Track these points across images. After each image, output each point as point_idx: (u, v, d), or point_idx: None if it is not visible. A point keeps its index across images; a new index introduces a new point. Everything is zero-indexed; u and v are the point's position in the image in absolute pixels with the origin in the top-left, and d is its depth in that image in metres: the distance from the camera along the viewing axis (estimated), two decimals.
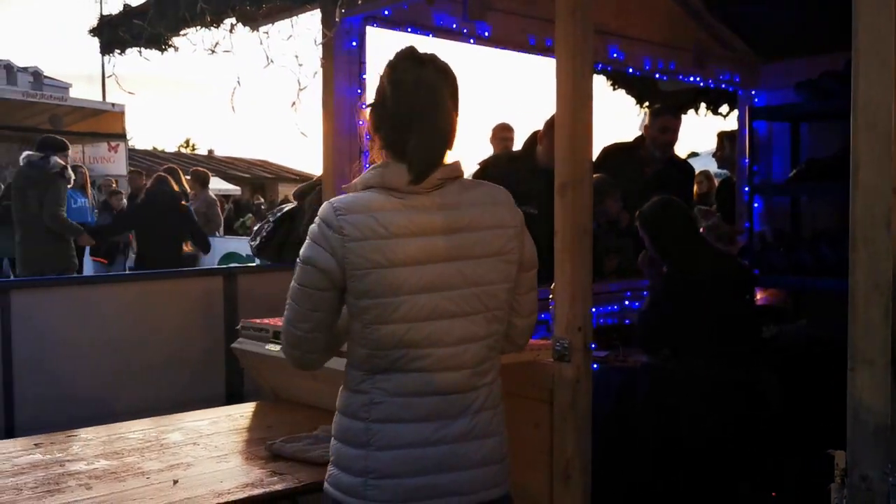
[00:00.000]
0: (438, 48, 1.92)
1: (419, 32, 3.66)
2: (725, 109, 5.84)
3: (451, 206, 1.83)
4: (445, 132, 1.85)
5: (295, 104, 3.29)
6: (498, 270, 1.87)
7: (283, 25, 3.36)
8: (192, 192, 9.01)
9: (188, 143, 52.18)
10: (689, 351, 3.40)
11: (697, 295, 3.44)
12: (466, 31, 3.79)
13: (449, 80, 1.88)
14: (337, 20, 3.18)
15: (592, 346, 2.63)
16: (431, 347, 1.80)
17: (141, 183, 11.80)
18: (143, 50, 3.56)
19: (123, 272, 8.91)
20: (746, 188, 4.86)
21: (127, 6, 3.58)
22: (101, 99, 22.69)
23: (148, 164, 23.05)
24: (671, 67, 4.68)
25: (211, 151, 38.92)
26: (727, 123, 5.95)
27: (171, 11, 3.25)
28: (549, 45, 3.98)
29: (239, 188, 27.27)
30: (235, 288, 4.20)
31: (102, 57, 3.78)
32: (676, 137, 4.80)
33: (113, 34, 3.62)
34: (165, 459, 2.65)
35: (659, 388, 3.36)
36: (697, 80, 4.87)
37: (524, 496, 2.08)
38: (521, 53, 4.10)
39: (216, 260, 9.61)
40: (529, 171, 4.07)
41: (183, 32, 3.40)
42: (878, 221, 1.49)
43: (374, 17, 3.55)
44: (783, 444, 3.50)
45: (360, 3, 3.17)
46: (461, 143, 1.90)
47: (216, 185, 20.92)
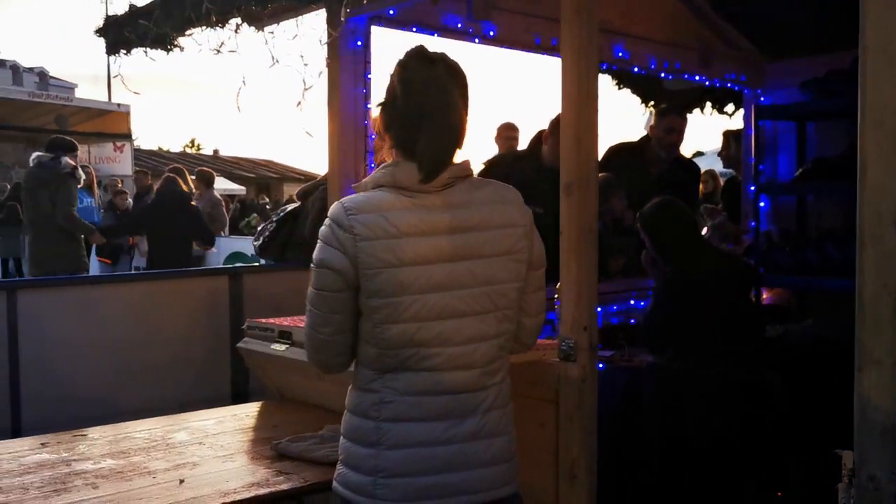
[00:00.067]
0: (443, 48, 1.91)
1: (424, 32, 3.66)
2: (731, 108, 5.82)
3: (461, 205, 1.83)
4: (455, 131, 1.85)
5: (300, 104, 3.30)
6: (508, 269, 1.86)
7: (288, 25, 3.37)
8: (197, 191, 9.02)
9: (193, 143, 52.27)
10: (692, 351, 3.39)
11: (699, 295, 3.43)
12: (471, 30, 3.79)
13: (459, 79, 1.88)
14: (342, 20, 3.18)
15: (598, 345, 2.63)
16: (441, 346, 1.80)
17: (146, 183, 11.83)
18: (148, 50, 3.57)
19: (129, 272, 8.93)
20: (752, 187, 4.86)
21: (132, 6, 3.58)
22: (106, 99, 22.78)
23: (153, 164, 23.12)
24: (676, 66, 4.67)
25: (216, 151, 38.98)
26: (733, 122, 5.94)
27: (176, 11, 3.26)
28: (554, 44, 3.97)
29: (244, 188, 27.30)
30: (241, 288, 4.20)
31: (108, 57, 3.79)
32: (682, 138, 4.79)
33: (119, 34, 3.63)
34: (171, 459, 2.65)
35: (664, 387, 3.35)
36: (703, 79, 4.86)
37: (530, 496, 2.08)
38: (526, 53, 4.10)
39: (221, 260, 9.63)
40: (535, 170, 4.06)
41: (188, 32, 3.40)
42: (885, 220, 1.48)
43: (379, 16, 3.55)
44: (789, 443, 3.49)
45: (365, 2, 3.16)
46: (466, 142, 1.90)
47: (221, 184, 20.96)
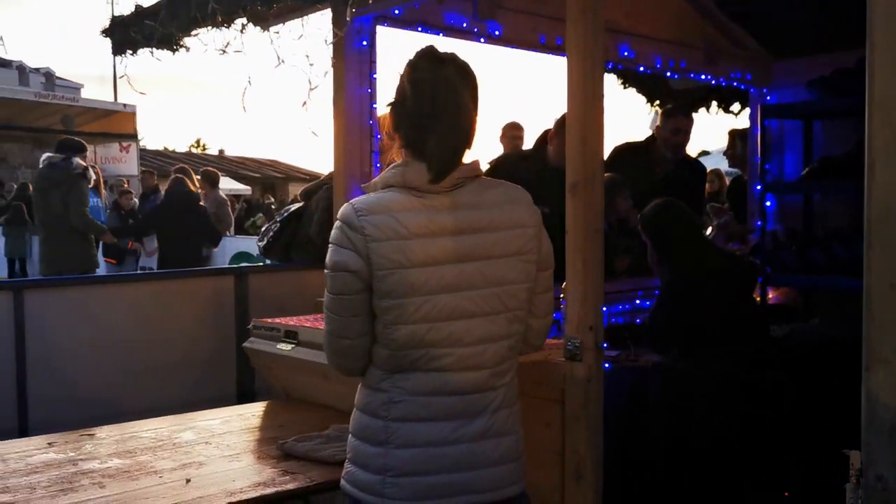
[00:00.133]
0: (448, 47, 1.91)
1: (430, 32, 3.66)
2: (737, 107, 5.80)
3: (471, 205, 1.83)
4: (465, 131, 1.85)
5: (306, 104, 3.30)
6: (518, 270, 1.86)
7: (293, 25, 3.37)
8: (202, 191, 9.05)
9: (199, 143, 52.40)
10: (695, 351, 3.38)
11: (700, 296, 3.43)
12: (477, 30, 3.78)
13: (469, 79, 1.88)
14: (348, 20, 3.18)
15: (604, 345, 2.63)
16: (452, 347, 1.80)
17: (152, 183, 11.86)
18: (154, 50, 3.58)
19: (135, 272, 8.95)
20: (759, 186, 4.84)
21: (139, 7, 3.59)
22: (112, 99, 22.82)
23: (159, 164, 23.17)
24: (682, 66, 4.66)
25: (222, 151, 39.08)
26: (739, 122, 5.92)
27: (182, 12, 3.27)
28: (559, 43, 3.97)
29: (249, 188, 27.35)
30: (246, 287, 4.20)
31: (114, 57, 3.79)
32: (688, 138, 4.78)
33: (125, 35, 3.64)
34: (178, 458, 2.65)
35: (671, 387, 3.34)
36: (709, 78, 4.85)
37: (536, 496, 2.08)
38: (531, 52, 4.10)
39: (227, 259, 9.65)
40: (540, 170, 4.06)
41: (194, 33, 3.41)
42: (893, 219, 1.47)
43: (384, 16, 3.55)
44: (795, 443, 3.48)
45: (370, 2, 3.17)
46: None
47: (227, 184, 21.02)
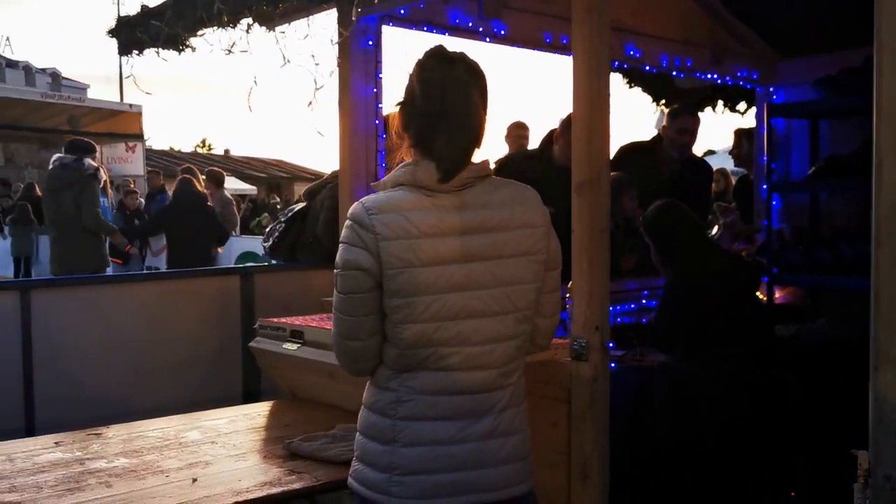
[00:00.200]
0: (454, 47, 1.91)
1: (435, 31, 3.66)
2: (743, 107, 5.78)
3: (480, 205, 1.83)
4: (474, 131, 1.85)
5: (311, 104, 3.30)
6: (527, 270, 1.86)
7: (299, 25, 3.38)
8: (207, 191, 9.06)
9: (205, 143, 52.42)
10: (701, 351, 3.38)
11: (703, 297, 3.43)
12: (482, 29, 3.78)
13: (478, 78, 1.87)
14: (353, 19, 3.19)
15: (610, 345, 2.62)
16: (459, 346, 1.80)
17: (158, 183, 11.89)
18: (160, 50, 3.59)
19: (142, 272, 8.97)
20: (765, 186, 4.83)
21: (144, 7, 3.60)
22: (118, 99, 22.91)
23: (165, 164, 23.22)
24: (688, 65, 4.65)
25: (227, 151, 39.09)
26: (745, 121, 5.91)
27: (188, 12, 3.27)
28: (564, 42, 3.97)
29: (255, 188, 27.38)
30: (252, 287, 4.20)
31: (120, 58, 3.81)
32: (695, 138, 4.77)
33: (131, 35, 3.65)
34: (184, 458, 2.66)
35: (677, 387, 3.34)
36: (715, 77, 4.84)
37: (542, 495, 2.07)
38: (536, 52, 4.10)
39: (233, 259, 9.66)
40: (546, 169, 4.06)
41: (200, 33, 3.42)
42: None
43: (390, 16, 3.55)
44: (802, 443, 3.47)
45: (376, 2, 3.17)
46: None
47: (232, 184, 21.03)
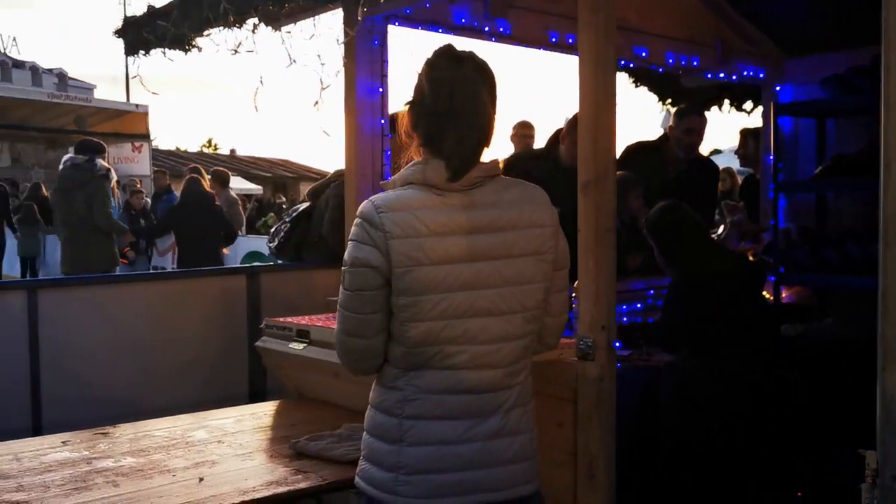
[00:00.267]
0: (460, 46, 1.90)
1: (441, 30, 3.66)
2: (749, 106, 5.78)
3: (490, 204, 1.83)
4: (483, 130, 1.84)
5: (317, 103, 3.31)
6: (536, 270, 1.86)
7: (305, 25, 3.38)
8: (212, 191, 9.08)
9: (211, 142, 52.52)
10: (705, 351, 3.38)
11: (705, 297, 3.42)
12: (488, 28, 3.78)
13: (487, 77, 1.87)
14: (359, 19, 3.18)
15: (616, 344, 2.62)
16: (466, 345, 1.80)
17: (165, 183, 11.91)
18: (166, 50, 3.60)
19: (148, 272, 8.99)
20: (772, 185, 4.81)
21: (151, 7, 3.61)
22: (125, 100, 22.94)
23: (171, 164, 23.25)
24: (694, 64, 4.64)
25: (233, 151, 39.16)
26: (751, 120, 5.90)
27: (194, 12, 3.28)
28: (570, 42, 3.96)
29: (261, 187, 27.42)
30: (258, 287, 4.21)
31: (127, 58, 3.81)
32: (701, 138, 4.76)
33: (137, 35, 3.66)
34: (191, 457, 2.66)
35: (683, 387, 3.33)
36: (721, 76, 4.83)
37: (549, 495, 2.07)
38: (542, 51, 4.09)
39: (239, 259, 9.68)
40: (552, 169, 4.06)
41: (206, 33, 3.43)
42: None
43: (395, 15, 3.56)
44: (809, 443, 3.46)
45: (382, 1, 3.17)
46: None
47: (239, 184, 21.10)
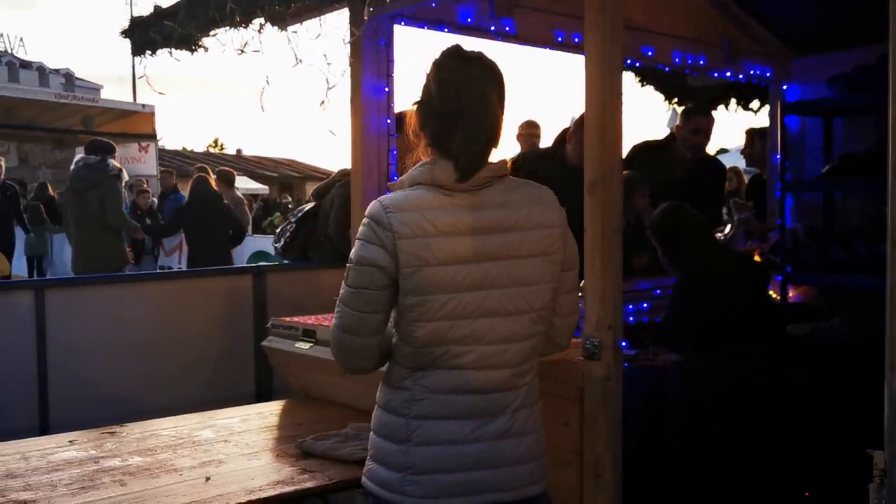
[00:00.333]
0: (466, 46, 1.90)
1: (447, 30, 3.66)
2: (756, 105, 5.76)
3: (498, 205, 1.83)
4: (491, 130, 1.84)
5: (323, 103, 3.31)
6: (544, 270, 1.86)
7: (311, 25, 3.39)
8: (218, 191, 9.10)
9: (217, 142, 52.57)
10: (709, 351, 3.37)
11: (709, 298, 3.42)
12: (494, 28, 3.78)
13: (495, 78, 1.87)
14: (365, 19, 3.19)
15: (623, 344, 2.62)
16: (473, 345, 1.80)
17: (171, 183, 11.93)
18: (173, 51, 3.60)
19: (155, 271, 9.02)
20: (778, 184, 4.80)
21: (157, 7, 3.62)
22: (131, 100, 23.02)
23: (178, 164, 23.31)
24: (701, 63, 4.63)
25: (239, 151, 39.20)
26: (758, 119, 5.89)
27: (201, 12, 3.28)
28: (576, 41, 3.96)
29: (267, 187, 27.44)
30: (264, 286, 4.22)
31: (133, 58, 3.82)
32: (708, 138, 4.75)
33: (144, 35, 3.66)
34: (197, 456, 2.67)
35: (689, 386, 3.33)
36: (728, 75, 4.82)
37: (554, 495, 2.07)
38: (548, 50, 4.09)
39: (245, 258, 9.70)
40: (558, 168, 4.05)
41: (213, 33, 3.43)
42: None
43: (401, 15, 3.56)
44: (816, 443, 3.45)
45: (388, 1, 3.17)
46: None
47: (244, 184, 21.11)
